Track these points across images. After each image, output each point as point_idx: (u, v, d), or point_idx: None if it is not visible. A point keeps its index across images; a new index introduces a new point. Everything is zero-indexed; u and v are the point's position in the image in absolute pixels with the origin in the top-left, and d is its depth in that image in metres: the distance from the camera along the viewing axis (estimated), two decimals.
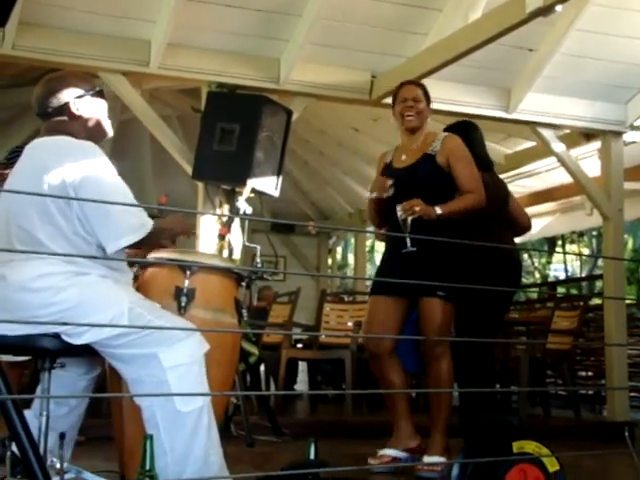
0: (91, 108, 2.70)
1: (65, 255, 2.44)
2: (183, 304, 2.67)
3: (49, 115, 2.66)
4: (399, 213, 3.55)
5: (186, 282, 2.71)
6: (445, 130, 4.38)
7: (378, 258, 22.17)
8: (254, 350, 6.30)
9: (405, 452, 3.71)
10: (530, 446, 2.38)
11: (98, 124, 2.72)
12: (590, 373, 7.61)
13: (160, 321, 2.45)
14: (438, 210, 3.60)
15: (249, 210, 4.25)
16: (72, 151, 2.54)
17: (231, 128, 4.84)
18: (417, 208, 3.55)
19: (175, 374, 2.39)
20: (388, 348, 3.76)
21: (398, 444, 3.73)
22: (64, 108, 2.65)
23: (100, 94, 2.74)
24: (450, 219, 3.64)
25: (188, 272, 2.70)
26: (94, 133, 2.68)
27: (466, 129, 4.32)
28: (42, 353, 2.47)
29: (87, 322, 2.37)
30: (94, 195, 2.45)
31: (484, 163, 4.22)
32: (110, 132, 2.77)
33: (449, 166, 3.75)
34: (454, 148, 3.79)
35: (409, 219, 3.54)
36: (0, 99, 6.77)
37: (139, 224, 2.51)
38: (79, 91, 2.68)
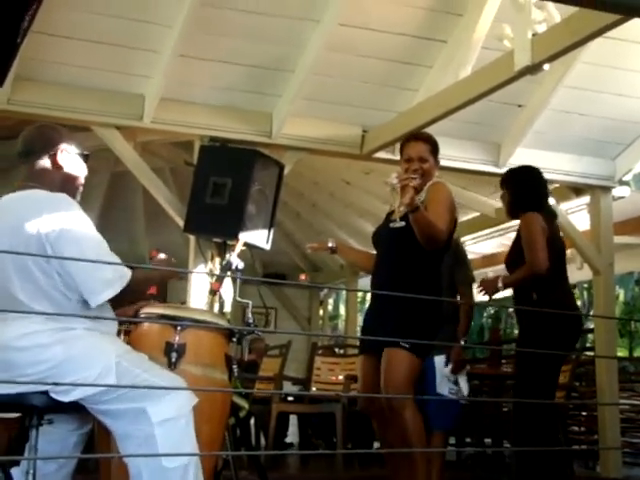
0: (73, 166, 2.73)
1: (49, 314, 2.42)
2: (173, 360, 2.67)
3: (31, 155, 2.67)
4: (394, 181, 3.39)
5: (176, 337, 2.70)
6: (505, 174, 4.38)
7: None
8: (244, 404, 6.21)
9: None
10: None
11: (73, 182, 2.74)
12: (583, 428, 7.55)
13: (148, 374, 2.44)
14: (419, 204, 3.45)
15: (241, 265, 4.25)
16: (47, 204, 2.54)
17: (223, 182, 4.86)
18: (413, 184, 3.38)
19: (163, 429, 2.37)
20: (379, 409, 3.69)
21: None
22: (50, 155, 2.67)
23: (85, 159, 2.77)
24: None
25: (179, 327, 2.70)
26: (67, 190, 2.68)
27: (528, 173, 4.31)
28: (30, 410, 2.45)
29: (75, 378, 2.35)
30: (71, 249, 2.45)
31: (549, 210, 4.24)
32: (77, 198, 2.75)
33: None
34: (432, 193, 3.67)
35: (398, 187, 3.38)
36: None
37: (118, 276, 2.51)
38: (68, 146, 2.71)
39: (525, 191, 4.27)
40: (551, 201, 4.56)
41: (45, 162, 2.68)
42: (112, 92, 5.06)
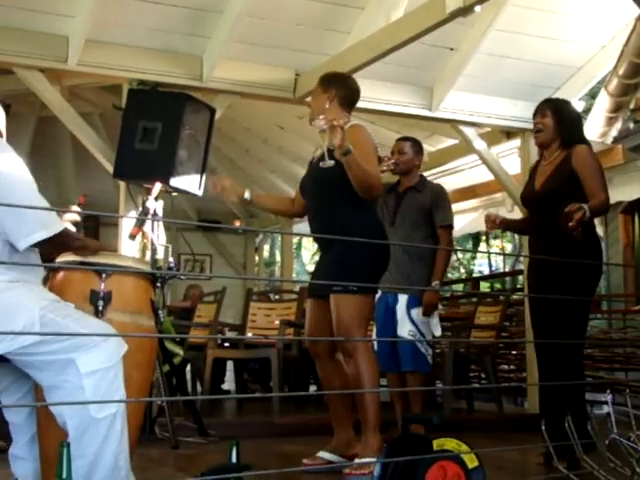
0: None
1: None
2: (100, 308, 2.62)
3: None
4: (321, 122, 3.29)
5: (102, 285, 2.65)
6: (555, 101, 4.15)
7: (305, 255, 22.21)
8: (179, 351, 6.24)
9: (341, 458, 3.64)
10: (450, 443, 2.40)
11: None
12: (512, 366, 7.77)
13: (75, 325, 2.36)
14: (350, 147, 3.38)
15: (159, 209, 4.22)
16: None
17: (153, 126, 4.77)
18: (336, 123, 3.30)
19: (91, 380, 2.31)
20: (324, 349, 3.76)
21: (335, 450, 3.69)
22: None
23: (7, 109, 2.68)
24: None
25: (104, 275, 2.65)
26: None
27: (560, 105, 4.05)
28: None
29: None
30: (2, 190, 2.36)
31: (584, 140, 3.95)
32: None
33: None
34: (353, 137, 3.52)
35: (327, 129, 3.29)
36: None
37: (51, 221, 2.43)
38: None
39: (578, 124, 4.04)
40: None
41: None
42: (34, 32, 4.86)
